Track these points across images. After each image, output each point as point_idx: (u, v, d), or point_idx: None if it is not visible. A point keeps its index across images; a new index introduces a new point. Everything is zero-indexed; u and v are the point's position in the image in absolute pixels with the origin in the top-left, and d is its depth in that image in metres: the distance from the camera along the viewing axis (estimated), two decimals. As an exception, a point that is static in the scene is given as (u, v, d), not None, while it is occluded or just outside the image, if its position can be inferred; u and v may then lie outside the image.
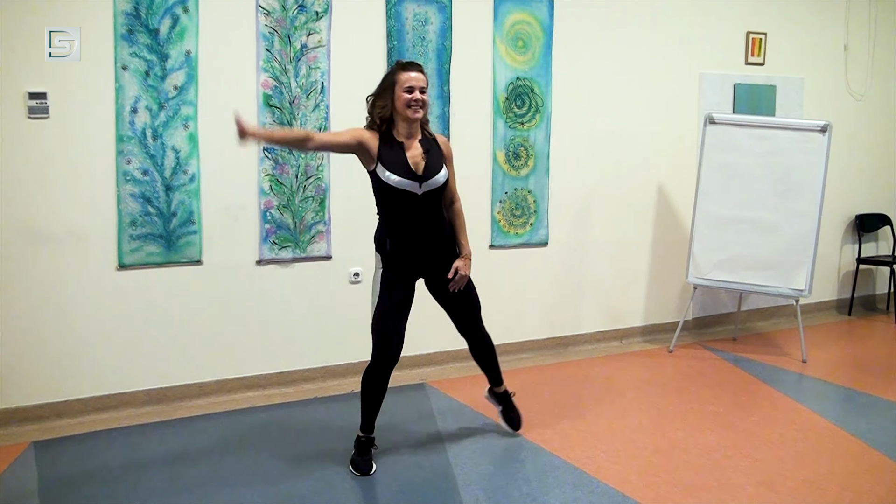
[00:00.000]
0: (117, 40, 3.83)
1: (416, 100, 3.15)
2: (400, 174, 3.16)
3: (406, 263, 3.29)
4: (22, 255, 3.75)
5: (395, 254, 3.27)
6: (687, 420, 3.99)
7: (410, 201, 3.20)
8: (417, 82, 3.16)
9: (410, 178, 3.17)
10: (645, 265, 5.60)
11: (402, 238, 3.26)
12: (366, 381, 3.33)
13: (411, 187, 3.18)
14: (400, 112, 3.18)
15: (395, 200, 3.21)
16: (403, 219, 3.24)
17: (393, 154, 3.19)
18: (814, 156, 5.07)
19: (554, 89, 5.04)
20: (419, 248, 3.29)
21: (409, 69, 3.19)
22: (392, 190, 3.18)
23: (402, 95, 3.15)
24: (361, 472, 3.31)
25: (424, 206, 3.23)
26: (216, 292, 4.18)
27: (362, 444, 3.36)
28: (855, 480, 3.29)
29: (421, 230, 3.27)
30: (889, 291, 6.66)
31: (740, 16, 5.75)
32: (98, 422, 3.89)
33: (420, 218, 3.24)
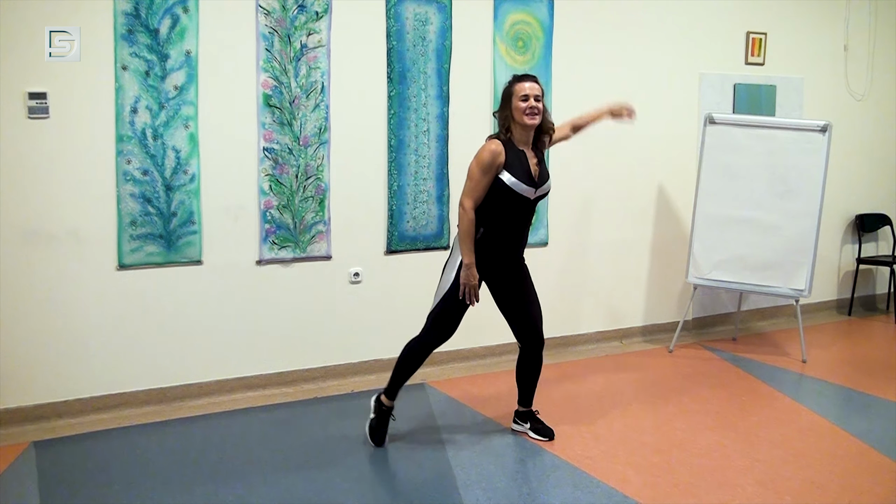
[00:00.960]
0: (117, 40, 3.83)
1: (531, 107, 3.36)
2: (522, 179, 3.38)
3: (487, 257, 3.45)
4: (22, 255, 3.75)
5: (482, 245, 3.42)
6: (687, 420, 3.99)
7: (520, 204, 3.43)
8: (532, 91, 3.37)
9: (529, 183, 3.40)
10: (645, 265, 5.60)
11: (496, 233, 3.44)
12: (411, 354, 3.53)
13: (527, 192, 3.40)
14: (518, 120, 3.40)
15: (508, 202, 3.40)
16: (506, 218, 3.43)
17: (516, 160, 3.40)
18: (814, 156, 5.07)
19: (554, 89, 5.04)
20: (507, 247, 3.50)
21: (523, 80, 3.41)
22: (510, 192, 3.37)
23: (519, 104, 3.37)
24: (377, 440, 3.55)
25: (528, 211, 3.49)
26: (216, 292, 4.18)
27: (383, 412, 3.57)
28: (855, 480, 3.29)
29: (516, 231, 3.51)
30: (889, 291, 6.66)
31: (740, 16, 5.75)
32: (98, 422, 3.89)
33: (519, 220, 3.49)
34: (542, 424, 3.74)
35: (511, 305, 3.61)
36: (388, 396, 3.58)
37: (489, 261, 3.47)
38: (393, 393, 3.57)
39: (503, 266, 3.54)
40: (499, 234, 3.45)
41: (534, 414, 3.78)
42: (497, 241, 3.45)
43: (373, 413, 3.60)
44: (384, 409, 3.58)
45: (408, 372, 3.55)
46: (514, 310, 3.61)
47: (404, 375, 3.55)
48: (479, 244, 3.41)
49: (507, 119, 3.43)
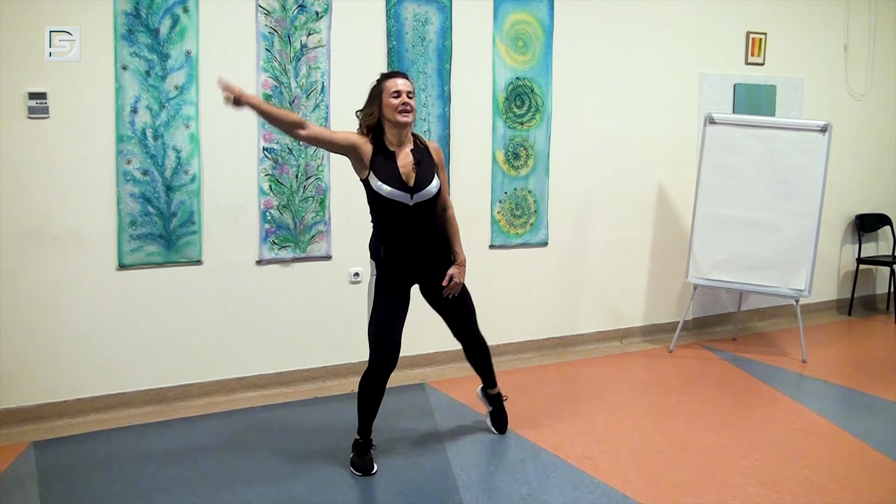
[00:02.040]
0: (117, 40, 3.83)
1: (404, 103, 3.16)
2: (391, 185, 3.16)
3: (400, 271, 3.31)
4: (22, 255, 3.75)
5: (389, 261, 3.28)
6: (687, 420, 3.99)
7: (402, 211, 3.21)
8: (404, 87, 3.18)
9: (402, 189, 3.18)
10: (645, 265, 5.60)
11: (395, 246, 3.27)
12: (363, 387, 3.32)
13: (402, 198, 3.18)
14: (389, 118, 3.19)
15: (388, 210, 3.22)
16: (396, 228, 3.25)
17: (385, 164, 3.19)
18: (814, 156, 5.07)
19: (554, 89, 5.04)
20: (413, 257, 3.30)
21: (394, 76, 3.24)
22: (384, 200, 3.19)
23: (390, 101, 3.17)
24: (363, 472, 3.31)
25: (416, 216, 3.23)
26: (216, 292, 4.18)
27: (360, 446, 3.35)
28: (855, 480, 3.29)
29: (414, 239, 3.27)
30: (889, 291, 6.66)
31: (740, 16, 5.75)
32: (98, 422, 3.89)
33: (413, 227, 3.25)
34: (502, 414, 3.73)
35: (441, 308, 3.48)
36: (361, 434, 3.34)
37: (405, 272, 3.31)
38: (364, 430, 3.33)
39: (421, 274, 3.36)
40: (398, 246, 3.26)
41: (500, 399, 3.75)
42: (399, 253, 3.27)
43: (351, 451, 3.37)
44: (360, 443, 3.34)
45: (370, 406, 3.30)
46: (445, 312, 3.49)
47: (368, 410, 3.31)
48: (387, 262, 3.28)
49: (374, 116, 3.20)
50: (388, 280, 3.30)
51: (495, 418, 3.76)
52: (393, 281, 3.30)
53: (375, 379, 3.29)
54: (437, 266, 3.37)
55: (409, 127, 3.24)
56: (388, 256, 3.27)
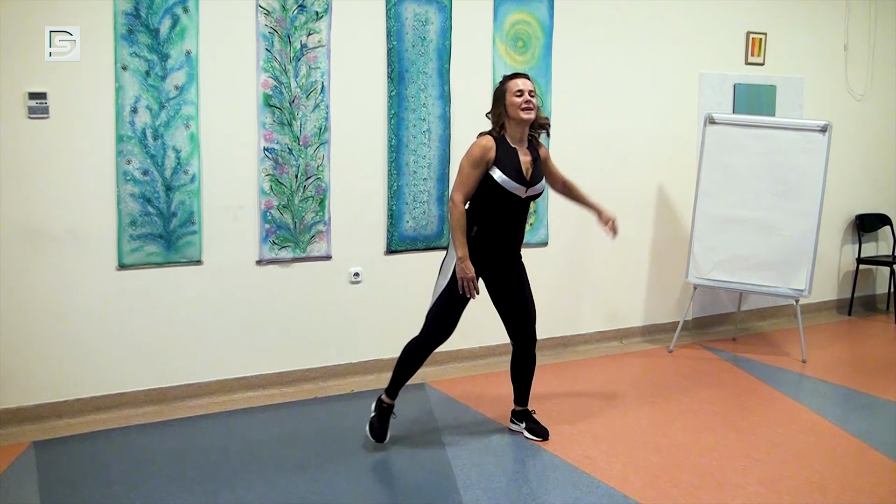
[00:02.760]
0: (117, 40, 3.83)
1: (526, 101, 3.39)
2: (512, 177, 3.38)
3: (483, 255, 3.45)
4: (22, 255, 3.75)
5: (477, 243, 3.42)
6: (687, 420, 3.99)
7: (512, 202, 3.43)
8: (525, 86, 3.41)
9: (520, 182, 3.40)
10: (645, 265, 5.59)
11: (490, 230, 3.45)
12: (411, 353, 3.52)
13: (517, 190, 3.40)
14: (513, 116, 3.41)
15: (499, 199, 3.41)
16: (499, 215, 3.45)
17: (508, 157, 3.40)
18: (814, 156, 5.07)
19: (554, 89, 5.04)
20: (501, 244, 3.50)
21: (516, 77, 3.46)
22: (500, 189, 3.38)
23: (513, 100, 3.40)
24: (378, 437, 3.52)
25: (521, 209, 3.49)
26: (216, 292, 4.18)
27: (384, 410, 3.55)
28: (855, 480, 3.29)
29: (509, 229, 3.50)
30: (889, 291, 6.66)
31: (740, 16, 5.74)
32: (98, 422, 3.89)
33: (513, 218, 3.49)
34: (537, 424, 3.74)
35: (505, 303, 3.62)
36: (389, 395, 3.57)
37: (484, 258, 3.47)
38: (394, 392, 3.57)
39: (498, 263, 3.55)
40: (492, 231, 3.46)
41: (530, 413, 3.78)
42: (491, 238, 3.46)
43: (374, 411, 3.59)
44: (384, 406, 3.57)
45: (408, 372, 3.54)
46: (508, 307, 3.62)
47: (405, 375, 3.55)
48: (473, 241, 3.42)
49: (501, 116, 3.44)
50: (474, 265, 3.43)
51: (533, 430, 3.73)
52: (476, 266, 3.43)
53: (426, 350, 3.52)
54: (513, 259, 3.59)
55: (528, 124, 3.45)
56: (479, 237, 3.43)
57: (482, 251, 3.45)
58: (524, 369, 3.71)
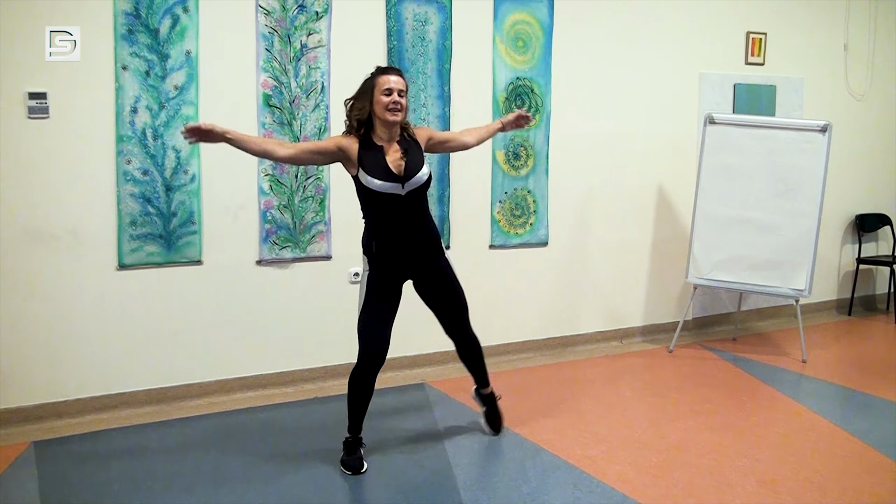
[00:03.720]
0: (117, 40, 3.83)
1: (395, 102, 3.16)
2: (382, 178, 3.16)
3: (393, 265, 3.30)
4: (22, 255, 3.75)
5: (381, 256, 3.28)
6: (687, 420, 3.99)
7: (395, 203, 3.21)
8: (396, 85, 3.18)
9: (392, 180, 3.18)
10: (645, 265, 5.60)
11: (388, 240, 3.27)
12: (352, 383, 3.31)
13: (394, 189, 3.18)
14: (379, 115, 3.19)
15: (380, 203, 3.22)
16: (389, 221, 3.25)
17: (373, 158, 3.19)
18: (814, 156, 5.07)
19: (554, 89, 5.04)
20: (405, 249, 3.30)
21: (388, 72, 3.23)
22: (376, 194, 3.18)
23: (381, 98, 3.17)
24: (353, 470, 3.30)
25: (409, 207, 3.24)
26: (216, 292, 4.18)
27: (350, 444, 3.36)
28: (855, 480, 3.29)
29: (406, 231, 3.27)
30: (889, 291, 6.66)
31: (740, 16, 5.75)
32: (98, 422, 3.89)
33: (405, 219, 3.25)
34: (496, 415, 3.73)
35: (434, 303, 3.48)
36: (351, 432, 3.35)
37: (396, 265, 3.30)
38: (354, 427, 3.35)
39: (414, 267, 3.36)
40: (390, 238, 3.26)
41: (493, 399, 3.74)
42: (392, 245, 3.27)
43: (342, 449, 3.37)
44: (349, 441, 3.35)
45: (358, 403, 3.31)
46: (437, 307, 3.49)
47: (356, 408, 3.32)
48: (378, 256, 3.27)
49: (365, 111, 3.20)
50: (380, 276, 3.30)
51: (489, 418, 3.75)
52: (385, 277, 3.30)
53: (364, 375, 3.27)
54: (429, 258, 3.38)
55: (398, 125, 3.24)
56: (381, 250, 3.27)
57: (390, 260, 3.28)
58: (470, 355, 3.63)
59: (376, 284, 3.30)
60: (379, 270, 3.30)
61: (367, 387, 3.30)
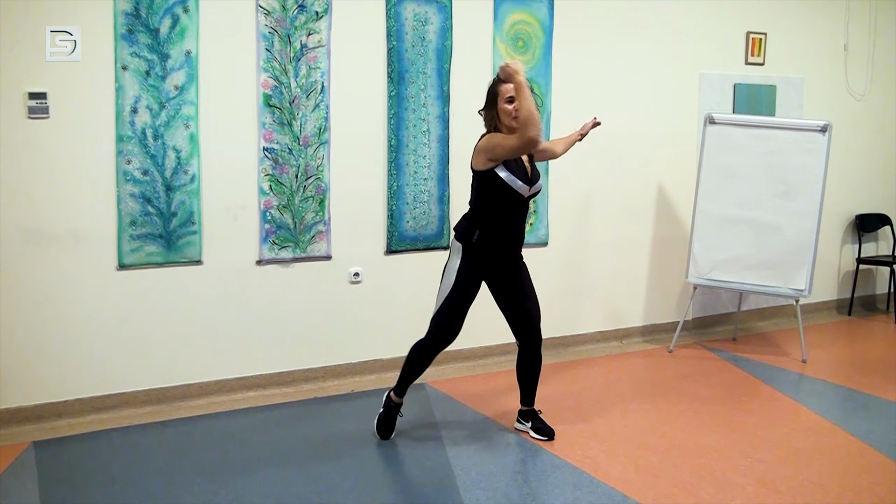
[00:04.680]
0: (117, 40, 3.83)
1: (516, 109, 3.32)
2: (517, 175, 3.38)
3: (485, 258, 3.47)
4: (22, 255, 3.75)
5: (479, 246, 3.44)
6: (687, 420, 3.99)
7: (515, 202, 3.43)
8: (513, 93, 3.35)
9: (524, 180, 3.41)
10: (645, 265, 5.60)
11: (493, 233, 3.44)
12: (418, 355, 3.57)
13: (522, 189, 3.40)
14: (504, 122, 3.39)
15: (504, 199, 3.41)
16: (501, 216, 3.44)
17: (514, 159, 3.39)
18: (814, 156, 5.07)
19: (554, 89, 5.04)
20: (506, 246, 3.49)
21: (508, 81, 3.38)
22: (506, 189, 3.37)
23: (505, 107, 3.37)
24: (384, 434, 3.63)
25: (523, 209, 3.48)
26: (216, 292, 4.18)
27: (391, 408, 3.66)
28: (855, 480, 3.29)
29: (513, 229, 3.49)
30: (889, 291, 6.66)
31: (740, 16, 5.75)
32: (98, 422, 3.89)
33: (515, 218, 3.48)
34: (543, 424, 3.74)
35: (509, 303, 3.62)
36: (397, 394, 3.65)
37: (487, 260, 3.49)
38: (401, 390, 3.64)
39: (502, 265, 3.54)
40: (495, 233, 3.45)
41: (536, 413, 3.78)
42: (494, 241, 3.46)
43: (382, 408, 3.68)
44: (392, 405, 3.66)
45: (415, 372, 3.60)
46: (512, 307, 3.62)
47: (412, 375, 3.61)
48: (476, 244, 3.44)
49: (494, 119, 3.44)
50: (472, 266, 3.47)
51: (538, 429, 3.74)
52: (476, 267, 3.48)
53: (432, 351, 3.56)
54: (516, 261, 3.58)
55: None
56: (481, 241, 3.44)
57: (485, 254, 3.47)
58: (530, 369, 3.71)
59: (468, 275, 3.48)
60: (473, 260, 3.46)
61: (431, 359, 3.59)
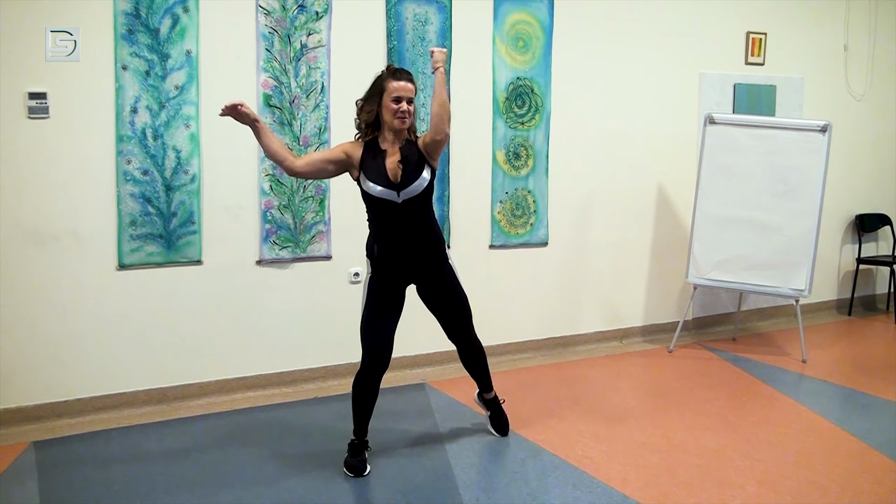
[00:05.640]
0: (117, 40, 3.83)
1: (402, 111, 3.16)
2: (380, 183, 3.17)
3: (393, 269, 3.31)
4: (22, 255, 3.75)
5: (382, 259, 3.30)
6: (687, 420, 3.99)
7: (392, 209, 3.21)
8: (406, 92, 3.17)
9: (389, 187, 3.18)
10: (645, 265, 5.60)
11: (388, 244, 3.28)
12: (356, 387, 3.30)
13: (390, 196, 3.18)
14: (387, 121, 3.20)
15: (379, 208, 3.23)
16: (388, 225, 3.26)
17: (374, 163, 3.20)
18: (814, 156, 5.07)
19: (554, 89, 5.04)
20: (405, 254, 3.30)
21: (398, 77, 3.19)
22: (374, 199, 3.21)
23: (390, 105, 3.17)
24: (356, 472, 3.29)
25: (406, 214, 3.23)
26: (216, 292, 4.18)
27: (355, 447, 3.34)
28: (855, 480, 3.29)
29: (405, 236, 3.27)
30: (889, 291, 6.66)
31: (740, 16, 5.75)
32: (98, 422, 3.89)
33: (403, 225, 3.25)
34: (502, 418, 3.72)
35: (434, 309, 3.48)
36: (357, 435, 3.34)
37: (392, 272, 3.31)
38: (360, 431, 3.33)
39: (416, 271, 3.35)
40: (389, 244, 3.27)
41: (497, 402, 3.74)
42: (390, 252, 3.28)
43: (347, 451, 3.35)
44: (355, 444, 3.34)
45: (362, 405, 3.30)
46: (440, 312, 3.48)
47: (360, 411, 3.31)
48: (378, 259, 3.30)
49: (373, 114, 3.20)
50: (382, 279, 3.31)
51: (495, 422, 3.75)
52: (386, 280, 3.31)
53: (368, 379, 3.27)
54: (429, 264, 3.37)
55: (404, 131, 3.25)
56: (381, 254, 3.29)
57: (390, 264, 3.29)
58: (474, 363, 3.63)
59: (377, 288, 3.32)
60: (380, 274, 3.31)
61: (372, 390, 3.29)
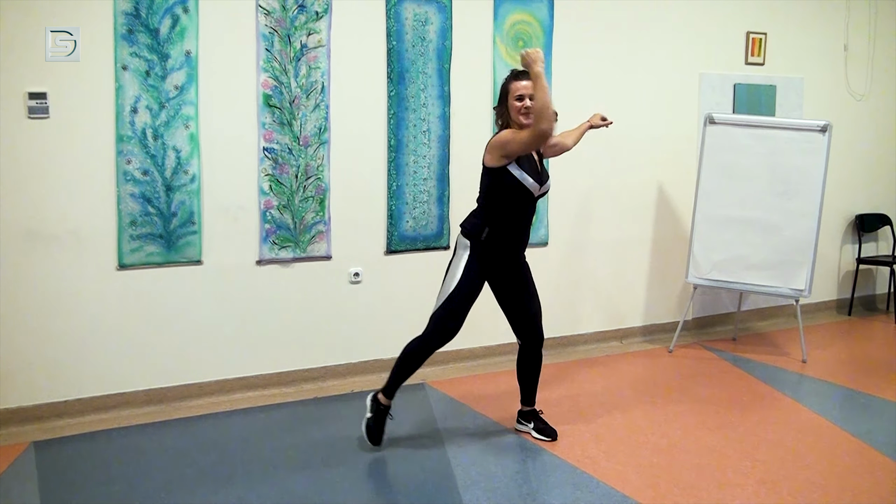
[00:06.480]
0: (117, 40, 3.83)
1: (526, 108, 3.35)
2: (529, 173, 3.40)
3: (496, 254, 3.49)
4: (22, 255, 3.74)
5: (488, 244, 3.45)
6: (687, 420, 3.99)
7: (525, 200, 3.44)
8: (526, 90, 3.36)
9: (535, 178, 3.42)
10: (645, 265, 5.60)
11: (504, 230, 3.46)
12: (412, 352, 3.50)
13: (532, 188, 3.41)
14: (514, 119, 3.41)
15: (514, 198, 3.42)
16: (515, 214, 3.46)
17: (526, 156, 3.42)
18: (814, 156, 5.07)
19: (554, 89, 5.03)
20: (515, 242, 3.52)
21: (519, 78, 3.41)
22: (517, 187, 3.38)
23: (514, 104, 3.39)
24: (374, 440, 3.51)
25: (531, 208, 3.50)
26: (216, 292, 4.18)
27: (380, 411, 3.52)
28: (855, 480, 3.29)
29: (522, 227, 3.52)
30: (889, 291, 6.66)
31: (740, 16, 5.75)
32: (98, 422, 3.89)
33: (527, 216, 3.51)
34: (545, 424, 3.74)
35: (512, 302, 3.62)
36: (386, 395, 3.54)
37: (493, 259, 3.49)
38: (391, 392, 3.54)
39: (506, 265, 3.55)
40: (503, 232, 3.46)
41: (537, 413, 3.78)
42: (501, 239, 3.47)
43: (369, 412, 3.54)
44: (381, 408, 3.54)
45: (407, 372, 3.52)
46: (515, 307, 3.62)
47: (403, 375, 3.53)
48: (484, 244, 3.44)
49: (505, 116, 3.45)
50: (480, 263, 3.47)
51: (542, 429, 3.73)
52: (483, 264, 3.48)
53: (428, 350, 3.49)
54: (518, 261, 3.60)
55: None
56: (490, 238, 3.44)
57: (491, 251, 3.47)
58: (531, 368, 3.71)
59: (475, 272, 3.47)
60: (481, 257, 3.46)
61: (425, 358, 3.51)
